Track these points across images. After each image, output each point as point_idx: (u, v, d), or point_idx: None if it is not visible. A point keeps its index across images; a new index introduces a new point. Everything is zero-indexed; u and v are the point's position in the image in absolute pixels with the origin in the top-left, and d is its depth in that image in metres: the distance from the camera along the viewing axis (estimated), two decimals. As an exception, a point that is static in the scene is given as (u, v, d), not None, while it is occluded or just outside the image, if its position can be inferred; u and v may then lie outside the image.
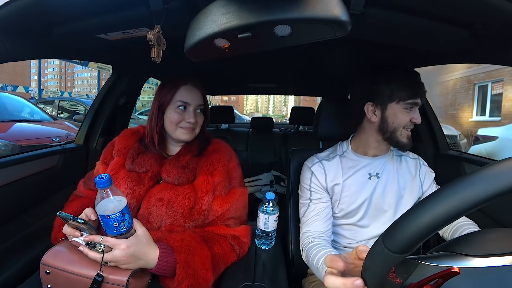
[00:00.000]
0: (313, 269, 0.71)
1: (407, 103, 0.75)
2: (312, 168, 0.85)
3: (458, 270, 0.29)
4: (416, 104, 0.76)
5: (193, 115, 0.78)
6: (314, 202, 0.83)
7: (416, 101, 0.76)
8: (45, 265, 0.60)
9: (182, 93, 0.78)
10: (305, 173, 0.88)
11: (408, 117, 0.76)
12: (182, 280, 0.61)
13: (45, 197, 1.13)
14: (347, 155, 0.87)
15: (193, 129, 0.80)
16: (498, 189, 0.26)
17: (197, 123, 0.80)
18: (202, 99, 0.82)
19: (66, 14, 0.65)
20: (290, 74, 1.80)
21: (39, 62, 11.11)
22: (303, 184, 0.87)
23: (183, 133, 0.79)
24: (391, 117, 0.77)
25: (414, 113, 0.77)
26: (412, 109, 0.77)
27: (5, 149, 2.76)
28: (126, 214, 0.57)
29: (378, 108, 0.79)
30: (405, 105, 0.75)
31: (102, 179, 0.54)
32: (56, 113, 5.91)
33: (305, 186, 0.86)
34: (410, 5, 0.58)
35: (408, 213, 0.31)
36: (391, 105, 0.77)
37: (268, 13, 0.45)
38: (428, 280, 0.31)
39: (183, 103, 0.78)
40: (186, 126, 0.78)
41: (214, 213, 0.75)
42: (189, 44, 0.54)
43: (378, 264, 0.33)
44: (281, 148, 2.44)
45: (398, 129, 0.77)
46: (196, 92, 0.81)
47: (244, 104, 62.72)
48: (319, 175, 0.84)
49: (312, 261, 0.72)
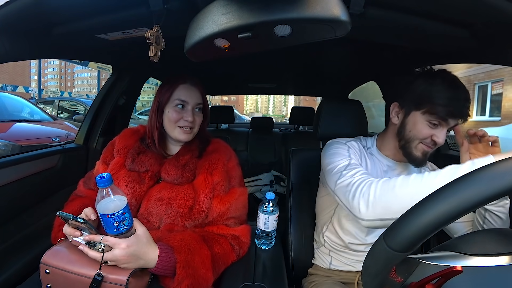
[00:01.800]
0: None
1: (435, 119, 0.66)
2: (347, 143, 0.78)
3: (461, 269, 0.28)
4: (445, 124, 0.66)
5: (191, 114, 0.78)
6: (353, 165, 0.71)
7: (446, 121, 0.65)
8: (44, 265, 0.60)
9: (181, 92, 0.78)
10: (338, 146, 0.78)
11: (428, 132, 0.67)
12: (182, 279, 0.61)
13: (45, 197, 1.13)
14: (372, 152, 0.81)
15: (191, 129, 0.80)
16: (501, 187, 0.26)
17: (195, 122, 0.80)
18: (201, 98, 0.82)
19: (66, 14, 0.65)
20: (290, 74, 1.80)
21: (39, 62, 11.11)
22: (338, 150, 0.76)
23: (180, 133, 0.78)
24: (410, 125, 0.70)
25: (438, 131, 0.67)
26: (438, 127, 0.67)
27: (5, 149, 2.76)
28: (126, 214, 0.57)
29: (402, 111, 0.73)
30: (430, 118, 0.66)
31: (102, 178, 0.55)
32: (56, 113, 5.90)
33: (342, 152, 0.75)
34: (410, 5, 0.58)
35: (411, 211, 0.31)
36: (414, 114, 0.69)
37: (268, 13, 0.45)
38: (430, 278, 0.31)
39: (181, 101, 0.78)
40: (184, 125, 0.78)
41: (213, 212, 0.75)
42: (189, 44, 0.54)
43: (379, 262, 0.33)
44: (281, 148, 2.44)
45: (414, 140, 0.69)
46: (194, 91, 0.80)
47: (244, 104, 62.72)
48: (354, 153, 0.76)
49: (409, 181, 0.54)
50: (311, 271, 0.90)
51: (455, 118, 0.66)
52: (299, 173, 0.99)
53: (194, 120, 0.79)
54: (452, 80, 0.67)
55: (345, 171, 0.69)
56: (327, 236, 0.86)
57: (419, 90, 0.68)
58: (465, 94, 0.65)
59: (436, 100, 0.65)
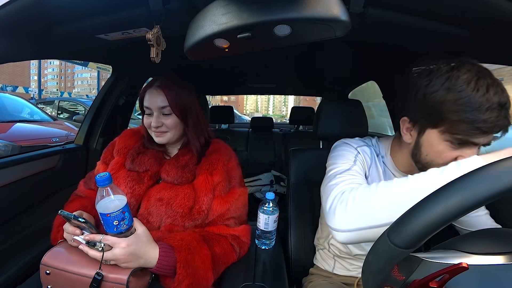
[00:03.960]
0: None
1: (458, 138, 0.49)
2: (358, 148, 0.68)
3: (467, 266, 0.28)
4: (474, 143, 0.50)
5: (156, 119, 0.75)
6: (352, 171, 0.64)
7: (477, 140, 0.49)
8: (45, 266, 0.60)
9: (147, 98, 0.76)
10: (347, 148, 0.69)
11: (450, 155, 0.52)
12: (182, 279, 0.61)
13: (45, 198, 1.13)
14: (385, 162, 0.69)
15: (163, 132, 0.77)
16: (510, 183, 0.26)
17: (164, 126, 0.76)
18: (166, 100, 0.74)
19: (66, 15, 0.65)
20: (290, 74, 1.80)
21: (39, 62, 11.12)
22: (345, 153, 0.68)
23: (154, 136, 0.78)
24: (426, 148, 0.55)
25: (465, 152, 0.51)
26: (463, 147, 0.51)
27: (5, 149, 2.76)
28: (126, 213, 0.57)
29: (415, 128, 0.57)
30: (452, 139, 0.50)
31: (102, 177, 0.55)
32: (56, 113, 5.90)
33: (348, 156, 0.67)
34: (410, 5, 0.58)
35: (416, 207, 0.30)
36: (430, 132, 0.53)
37: (268, 13, 0.45)
38: (435, 276, 0.30)
39: (146, 108, 0.77)
40: (154, 130, 0.77)
41: (213, 213, 0.75)
42: (189, 44, 0.54)
43: (382, 259, 0.32)
44: (281, 148, 2.44)
45: (433, 165, 0.52)
46: (156, 94, 0.75)
47: (244, 104, 62.74)
48: (361, 161, 0.66)
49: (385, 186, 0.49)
50: (313, 270, 0.90)
51: (487, 134, 0.49)
52: (299, 173, 0.99)
53: (162, 125, 0.76)
54: (479, 77, 0.48)
55: (340, 175, 0.61)
56: (332, 244, 0.82)
57: (432, 100, 0.51)
58: (501, 97, 0.47)
59: (458, 114, 0.48)
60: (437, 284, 0.30)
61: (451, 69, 0.51)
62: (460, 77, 0.49)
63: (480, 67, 0.51)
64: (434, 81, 0.51)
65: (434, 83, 0.51)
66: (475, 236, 0.37)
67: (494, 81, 0.49)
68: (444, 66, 0.52)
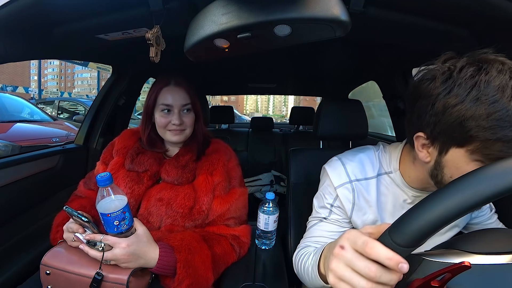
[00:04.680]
0: (307, 270, 0.55)
1: (493, 159, 0.40)
2: (344, 186, 0.62)
3: (469, 265, 0.28)
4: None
5: (178, 117, 0.75)
6: (329, 221, 0.65)
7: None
8: (45, 266, 0.60)
9: (164, 96, 0.76)
10: (328, 188, 0.65)
11: None
12: (182, 279, 0.61)
13: (45, 198, 1.13)
14: (393, 178, 0.60)
15: (182, 130, 0.78)
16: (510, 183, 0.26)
17: (185, 123, 0.77)
18: (188, 97, 0.77)
19: (66, 14, 0.65)
20: (290, 74, 1.80)
21: (39, 62, 11.13)
22: (325, 192, 0.66)
23: (171, 135, 0.77)
24: (450, 168, 0.46)
25: None
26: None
27: (5, 149, 2.76)
28: (126, 213, 0.57)
29: (434, 146, 0.47)
30: (485, 159, 0.41)
31: (103, 177, 0.55)
32: (56, 113, 5.91)
33: (327, 199, 0.65)
34: (410, 5, 0.58)
35: (418, 206, 0.30)
36: (455, 151, 0.44)
37: (268, 13, 0.45)
38: (437, 274, 0.30)
39: (165, 106, 0.75)
40: (173, 128, 0.76)
41: (214, 213, 0.75)
42: (189, 44, 0.54)
43: None
44: (281, 148, 2.44)
45: None
46: (179, 92, 0.76)
47: (244, 104, 62.74)
48: (345, 202, 0.62)
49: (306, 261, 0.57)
50: None
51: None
52: (299, 173, 0.99)
53: (183, 122, 0.77)
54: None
55: (314, 226, 0.67)
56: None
57: (457, 114, 0.41)
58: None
59: (493, 131, 0.38)
60: (438, 283, 0.30)
61: (478, 71, 0.40)
62: (491, 82, 0.38)
63: (509, 64, 0.40)
64: (457, 90, 0.40)
65: (457, 92, 0.40)
66: (477, 236, 0.37)
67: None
68: (467, 67, 0.41)
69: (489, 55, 0.42)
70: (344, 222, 0.64)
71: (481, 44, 0.70)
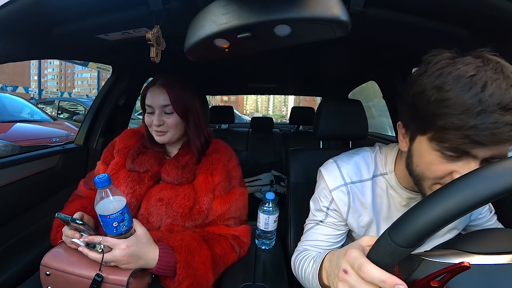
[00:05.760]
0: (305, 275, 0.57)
1: (446, 148, 0.41)
2: (339, 189, 0.62)
3: (469, 265, 0.28)
4: (470, 156, 0.41)
5: (158, 118, 0.74)
6: (326, 224, 0.65)
7: (473, 151, 0.40)
8: (45, 267, 0.60)
9: (149, 96, 0.76)
10: (324, 191, 0.65)
11: (442, 168, 0.43)
12: (182, 279, 0.61)
13: (45, 198, 1.13)
14: (388, 180, 0.60)
15: (164, 132, 0.77)
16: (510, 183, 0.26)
17: (166, 125, 0.76)
18: (168, 98, 0.74)
19: (66, 14, 0.65)
20: (290, 74, 1.80)
21: (39, 62, 11.13)
22: (321, 195, 0.66)
23: (155, 135, 0.78)
24: (416, 157, 0.48)
25: (460, 167, 0.42)
26: (460, 159, 0.42)
27: (5, 149, 2.76)
28: (125, 214, 0.57)
29: (407, 134, 0.50)
30: (442, 148, 0.42)
31: (101, 179, 0.54)
32: (56, 113, 5.91)
33: (323, 202, 0.65)
34: (410, 5, 0.58)
35: (418, 205, 0.30)
36: (420, 140, 0.46)
37: (268, 13, 0.45)
38: (436, 275, 0.30)
39: (148, 106, 0.76)
40: (155, 129, 0.76)
41: (214, 213, 0.75)
42: (189, 44, 0.54)
43: (383, 258, 0.32)
44: (281, 148, 2.44)
45: (425, 179, 0.47)
46: (159, 93, 0.74)
47: (244, 104, 62.76)
48: (341, 204, 0.62)
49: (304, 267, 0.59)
50: None
51: (485, 145, 0.38)
52: (299, 173, 0.99)
53: (163, 123, 0.75)
54: (478, 72, 0.38)
55: (310, 228, 0.68)
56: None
57: (420, 102, 0.44)
58: (504, 98, 0.37)
59: (443, 118, 0.40)
60: (438, 284, 0.30)
61: (449, 63, 0.41)
62: (452, 73, 0.40)
63: (488, 59, 0.40)
64: (426, 79, 0.43)
65: (426, 81, 0.42)
66: (477, 236, 0.37)
67: (505, 77, 0.38)
68: (444, 60, 0.42)
69: (483, 53, 0.42)
70: (340, 225, 0.65)
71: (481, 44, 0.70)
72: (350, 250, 0.35)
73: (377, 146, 0.67)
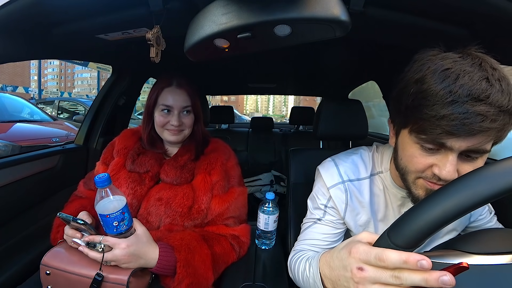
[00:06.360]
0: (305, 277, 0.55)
1: (424, 139, 0.43)
2: (336, 187, 0.62)
3: (467, 265, 0.28)
4: (446, 148, 0.41)
5: (177, 118, 0.75)
6: (323, 222, 0.65)
7: (449, 143, 0.40)
8: (45, 266, 0.60)
9: (165, 96, 0.76)
10: (321, 188, 0.66)
11: (422, 161, 0.44)
12: (182, 279, 0.61)
13: (45, 198, 1.13)
14: (384, 179, 0.61)
15: (180, 131, 0.78)
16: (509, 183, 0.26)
17: (184, 125, 0.78)
18: (189, 99, 0.78)
19: (66, 14, 0.65)
20: (290, 74, 1.80)
21: (39, 62, 11.13)
22: (318, 193, 0.67)
23: (169, 135, 0.78)
24: (400, 150, 0.49)
25: (439, 160, 0.43)
26: (438, 152, 0.43)
27: (5, 149, 2.76)
28: (125, 213, 0.57)
29: (394, 129, 0.53)
30: (420, 140, 0.44)
31: (101, 178, 0.55)
32: (56, 113, 5.91)
33: (321, 200, 0.66)
34: (410, 5, 0.58)
35: (416, 207, 0.30)
36: (403, 132, 0.48)
37: (268, 13, 0.45)
38: None
39: (165, 106, 0.76)
40: (171, 128, 0.77)
41: (213, 212, 0.75)
42: (188, 44, 0.54)
43: None
44: (281, 148, 2.44)
45: (409, 173, 0.48)
46: (180, 94, 0.76)
47: (244, 104, 62.78)
48: (339, 202, 0.62)
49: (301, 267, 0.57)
50: None
51: (457, 135, 0.39)
52: (299, 173, 0.99)
53: (182, 123, 0.77)
54: (452, 66, 0.40)
55: (308, 227, 0.67)
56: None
57: (401, 96, 0.46)
58: (473, 89, 0.37)
59: (418, 109, 0.41)
60: None
61: (430, 59, 0.43)
62: (431, 67, 0.41)
63: (469, 54, 0.42)
64: (409, 75, 0.45)
65: (408, 77, 0.45)
66: (477, 236, 0.37)
67: (481, 70, 0.39)
68: (428, 57, 0.44)
69: (470, 50, 0.43)
70: (338, 224, 0.65)
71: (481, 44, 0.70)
72: (354, 247, 0.35)
73: (375, 145, 0.68)
